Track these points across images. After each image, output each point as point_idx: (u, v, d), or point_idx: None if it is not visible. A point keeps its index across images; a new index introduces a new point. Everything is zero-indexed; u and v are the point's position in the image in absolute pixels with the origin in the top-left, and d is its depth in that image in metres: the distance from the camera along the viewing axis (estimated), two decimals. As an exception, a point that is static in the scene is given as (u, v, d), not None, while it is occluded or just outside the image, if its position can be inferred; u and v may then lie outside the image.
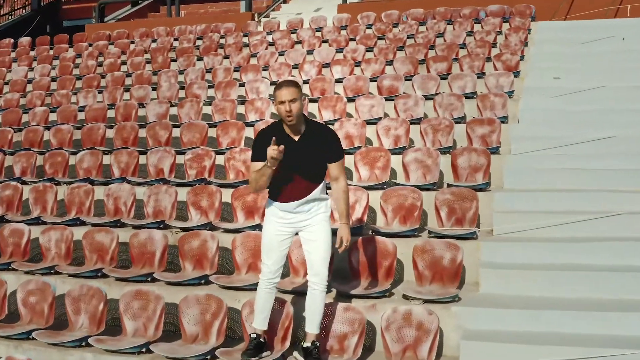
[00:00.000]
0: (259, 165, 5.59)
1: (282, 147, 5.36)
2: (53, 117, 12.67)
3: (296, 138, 5.61)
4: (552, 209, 7.69)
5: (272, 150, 5.35)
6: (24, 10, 24.55)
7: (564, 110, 10.12)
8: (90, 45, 17.80)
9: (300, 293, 6.38)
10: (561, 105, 10.33)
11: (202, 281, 7.03)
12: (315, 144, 5.61)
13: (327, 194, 5.82)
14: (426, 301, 6.17)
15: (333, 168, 5.72)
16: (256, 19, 19.03)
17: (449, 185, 8.14)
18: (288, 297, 6.41)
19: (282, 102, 5.47)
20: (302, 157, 5.57)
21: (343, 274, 6.88)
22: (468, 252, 6.81)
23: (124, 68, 15.34)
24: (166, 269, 7.58)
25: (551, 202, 7.80)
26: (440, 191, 7.73)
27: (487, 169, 8.42)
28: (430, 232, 7.27)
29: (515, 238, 7.32)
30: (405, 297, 6.33)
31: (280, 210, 5.69)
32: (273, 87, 12.18)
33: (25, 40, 19.50)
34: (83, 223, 8.60)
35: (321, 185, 5.70)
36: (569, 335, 5.86)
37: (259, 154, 5.62)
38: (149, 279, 7.21)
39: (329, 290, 6.14)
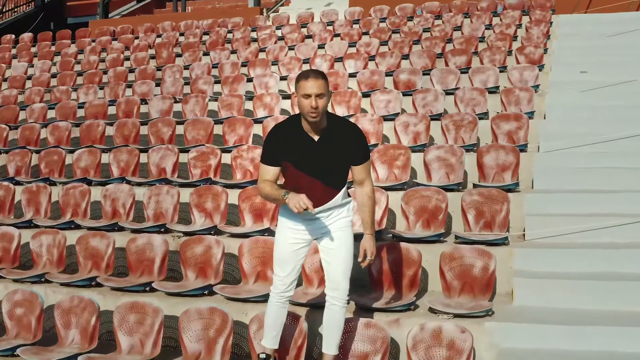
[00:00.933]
0: (270, 170, 4.89)
1: (310, 209, 4.57)
2: (52, 114, 12.06)
3: (316, 137, 4.85)
4: (588, 211, 7.03)
5: (300, 205, 4.54)
6: (27, 7, 24.00)
7: (594, 105, 9.47)
8: (93, 41, 17.18)
9: (315, 306, 5.74)
10: (590, 100, 9.68)
11: (206, 292, 6.37)
12: (338, 144, 4.84)
13: (348, 195, 5.11)
14: (456, 316, 5.50)
15: (358, 171, 4.98)
16: (264, 13, 18.39)
17: (475, 186, 7.46)
18: (301, 311, 5.76)
19: (307, 96, 4.69)
20: (322, 159, 4.82)
21: (362, 284, 6.21)
22: (499, 260, 6.12)
23: (127, 64, 14.73)
24: (166, 278, 6.94)
25: (587, 204, 7.14)
26: (467, 192, 7.06)
27: (516, 168, 7.74)
28: (457, 237, 6.59)
29: (550, 244, 6.65)
30: (432, 310, 5.65)
31: (296, 218, 4.97)
32: (282, 82, 11.63)
33: (26, 36, 18.96)
34: (78, 226, 7.97)
35: (343, 190, 4.99)
36: (616, 354, 5.21)
37: (271, 156, 4.91)
38: (147, 288, 6.56)
39: (348, 301, 5.52)
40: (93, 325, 6.02)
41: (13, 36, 19.06)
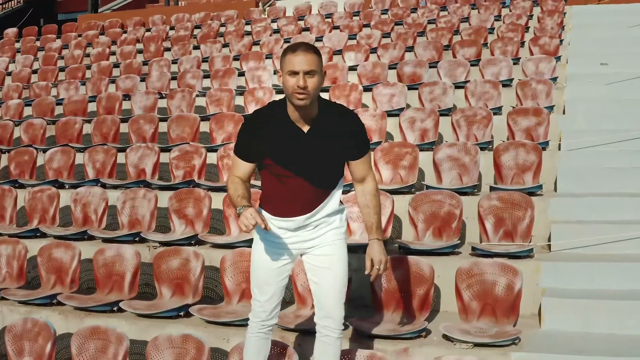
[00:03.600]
0: (241, 166, 3.97)
1: (264, 226, 3.72)
2: (29, 111, 11.16)
3: (305, 128, 3.91)
4: (622, 218, 6.16)
5: (250, 223, 3.69)
6: (17, 3, 23.10)
7: (620, 99, 8.57)
8: (80, 35, 16.29)
9: (308, 332, 4.83)
10: (616, 93, 8.78)
11: (182, 313, 5.48)
12: (332, 135, 3.91)
13: (341, 202, 4.19)
14: (476, 345, 4.60)
15: (358, 166, 4.05)
16: (260, 7, 17.50)
17: (492, 189, 6.56)
18: (291, 337, 4.88)
19: (294, 73, 3.76)
20: (313, 155, 3.89)
21: (364, 304, 5.32)
22: (523, 275, 5.22)
23: (112, 59, 13.82)
24: (140, 295, 6.04)
25: (621, 209, 6.26)
26: (485, 196, 6.14)
27: (538, 168, 6.84)
28: (474, 248, 5.68)
29: (581, 256, 5.75)
30: (447, 338, 4.75)
31: (279, 228, 4.05)
32: (276, 76, 10.71)
33: (11, 31, 18.05)
34: (44, 235, 7.08)
35: (337, 193, 4.07)
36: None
37: (245, 148, 3.99)
38: (114, 308, 5.66)
39: (344, 328, 4.62)
40: (48, 353, 5.11)
41: (-3, 32, 18.22)
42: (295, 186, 3.92)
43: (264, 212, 4.10)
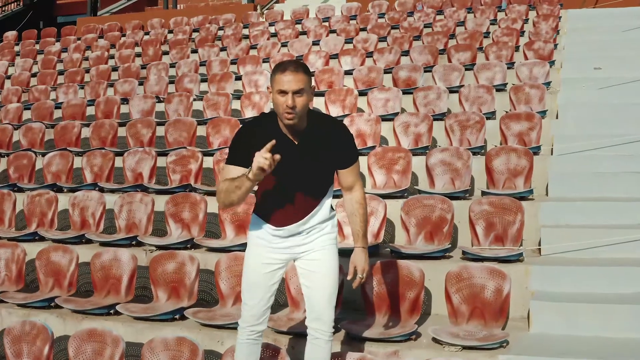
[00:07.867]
0: (236, 171, 3.96)
1: (277, 156, 3.71)
2: (28, 115, 11.26)
3: (297, 140, 4.00)
4: (613, 222, 6.25)
5: (263, 159, 3.69)
6: (16, 6, 23.18)
7: (613, 103, 8.66)
8: (79, 39, 16.38)
9: (301, 335, 4.90)
10: (609, 98, 8.86)
11: (177, 316, 5.57)
12: (321, 146, 4.02)
13: (332, 208, 4.30)
14: (465, 347, 4.69)
15: (346, 175, 4.18)
16: (259, 11, 17.58)
17: (484, 193, 6.65)
18: (284, 340, 4.96)
19: (283, 93, 3.86)
20: (304, 166, 4.00)
21: (354, 307, 5.41)
22: (513, 279, 5.31)
23: (111, 62, 13.89)
24: (137, 298, 6.16)
25: (612, 214, 6.35)
26: (475, 201, 6.23)
27: (529, 172, 6.93)
28: (464, 252, 5.78)
29: (571, 260, 5.84)
30: (436, 341, 4.84)
31: (271, 235, 4.16)
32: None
33: (10, 34, 18.13)
34: (43, 238, 7.18)
35: (328, 200, 4.18)
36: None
37: (238, 156, 4.02)
38: (111, 311, 5.76)
39: (335, 331, 4.71)
40: (46, 356, 5.21)
41: (-4, 35, 18.31)
42: (288, 195, 4.03)
43: (258, 218, 4.19)
